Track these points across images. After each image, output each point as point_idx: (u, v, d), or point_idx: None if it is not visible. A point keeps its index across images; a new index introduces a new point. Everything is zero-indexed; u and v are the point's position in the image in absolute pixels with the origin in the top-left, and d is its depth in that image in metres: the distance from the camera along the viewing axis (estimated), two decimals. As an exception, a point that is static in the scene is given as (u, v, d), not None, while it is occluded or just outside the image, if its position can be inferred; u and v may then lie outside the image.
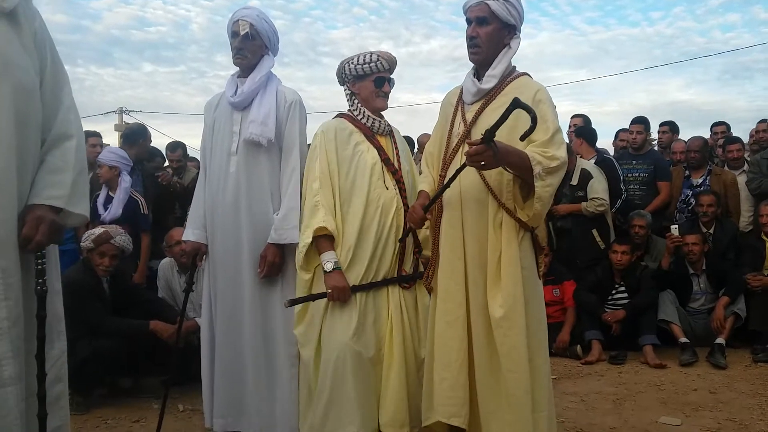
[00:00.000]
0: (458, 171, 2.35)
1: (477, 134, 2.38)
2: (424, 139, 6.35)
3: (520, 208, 2.40)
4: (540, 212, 2.36)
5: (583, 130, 5.89)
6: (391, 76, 2.88)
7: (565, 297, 5.09)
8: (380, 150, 2.81)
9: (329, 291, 2.63)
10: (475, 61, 2.51)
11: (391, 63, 2.84)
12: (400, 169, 2.84)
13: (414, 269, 2.84)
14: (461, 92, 2.58)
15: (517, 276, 2.36)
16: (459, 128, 2.51)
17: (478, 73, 2.52)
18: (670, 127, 6.57)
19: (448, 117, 2.60)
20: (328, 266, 2.64)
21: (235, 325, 2.90)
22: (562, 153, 2.34)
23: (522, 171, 2.32)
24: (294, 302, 2.71)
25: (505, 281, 2.36)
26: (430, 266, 2.60)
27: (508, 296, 2.34)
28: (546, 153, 2.31)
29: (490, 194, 2.41)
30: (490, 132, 2.12)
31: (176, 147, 6.06)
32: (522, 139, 2.28)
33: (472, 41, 2.47)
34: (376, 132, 2.84)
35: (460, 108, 2.56)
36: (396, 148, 2.91)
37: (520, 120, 2.29)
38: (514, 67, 2.55)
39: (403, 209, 2.76)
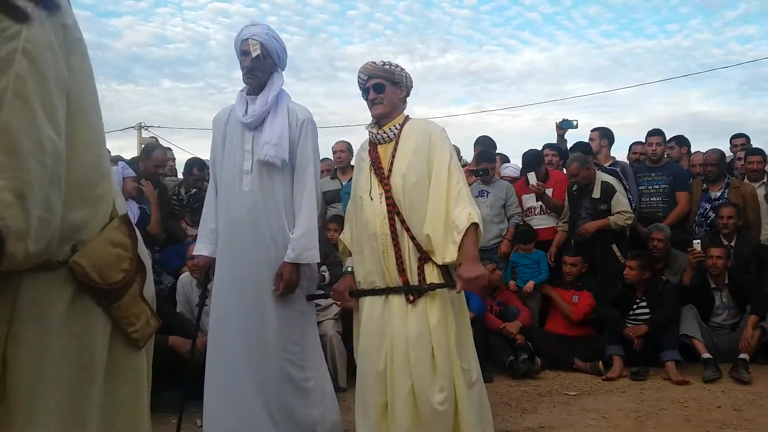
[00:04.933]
0: None
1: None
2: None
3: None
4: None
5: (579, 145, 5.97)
6: (377, 81, 2.75)
7: (575, 307, 5.04)
8: (375, 160, 2.78)
9: (332, 291, 2.98)
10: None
11: (367, 71, 2.78)
12: (391, 173, 2.72)
13: (421, 280, 2.65)
14: None
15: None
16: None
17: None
18: (677, 141, 6.47)
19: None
20: (344, 269, 2.97)
21: (234, 342, 2.89)
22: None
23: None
24: (311, 297, 3.05)
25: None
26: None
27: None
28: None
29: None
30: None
31: (193, 164, 6.05)
32: None
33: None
34: (377, 142, 2.82)
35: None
36: (394, 153, 2.74)
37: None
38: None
39: (386, 216, 2.68)
